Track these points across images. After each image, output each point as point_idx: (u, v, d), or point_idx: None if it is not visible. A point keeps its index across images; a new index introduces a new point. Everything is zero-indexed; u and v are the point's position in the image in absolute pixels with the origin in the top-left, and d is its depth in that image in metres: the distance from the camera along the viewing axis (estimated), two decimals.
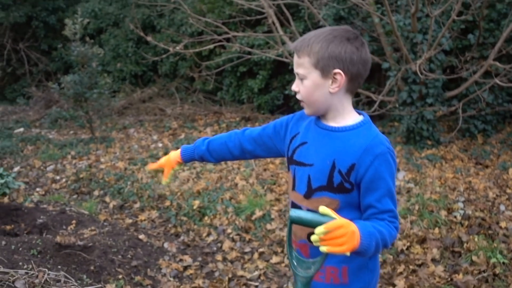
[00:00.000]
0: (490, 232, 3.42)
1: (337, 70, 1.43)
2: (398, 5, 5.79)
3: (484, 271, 3.04)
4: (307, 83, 1.47)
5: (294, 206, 1.58)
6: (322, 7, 6.43)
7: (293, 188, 1.59)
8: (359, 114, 1.54)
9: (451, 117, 5.83)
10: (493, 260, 3.07)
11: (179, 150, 1.89)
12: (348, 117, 1.51)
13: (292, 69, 1.55)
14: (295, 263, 1.40)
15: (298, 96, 1.53)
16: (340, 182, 1.46)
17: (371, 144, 1.44)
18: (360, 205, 1.49)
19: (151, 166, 1.94)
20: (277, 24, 5.87)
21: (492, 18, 5.46)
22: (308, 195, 1.53)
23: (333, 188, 1.48)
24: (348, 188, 1.47)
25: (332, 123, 1.51)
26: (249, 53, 6.64)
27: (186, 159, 1.87)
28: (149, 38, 6.39)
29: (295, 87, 1.52)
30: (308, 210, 1.48)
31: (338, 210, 1.44)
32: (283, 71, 7.49)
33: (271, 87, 7.79)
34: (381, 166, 1.43)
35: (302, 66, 1.47)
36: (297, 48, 1.48)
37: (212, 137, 1.86)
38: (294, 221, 1.37)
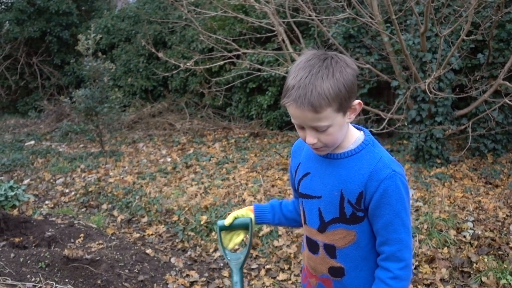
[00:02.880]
0: (500, 252, 3.38)
1: (357, 101, 1.33)
2: (407, 24, 5.82)
3: None
4: (333, 129, 1.32)
5: (309, 240, 1.52)
6: (332, 26, 6.49)
7: (305, 222, 1.52)
8: (358, 129, 1.46)
9: (461, 136, 5.80)
10: (503, 281, 3.03)
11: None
12: (350, 135, 1.42)
13: None
14: (229, 258, 1.64)
15: (318, 145, 1.36)
16: (352, 213, 1.39)
17: (375, 168, 1.35)
18: None
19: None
20: (287, 42, 5.92)
21: (502, 38, 5.47)
22: (322, 228, 1.45)
23: (346, 219, 1.40)
24: (361, 217, 1.39)
25: (336, 149, 1.42)
26: (259, 69, 6.69)
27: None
28: (160, 54, 6.48)
29: (312, 139, 1.33)
30: (325, 244, 1.45)
31: (356, 241, 1.41)
32: None
33: (280, 103, 7.81)
34: (386, 191, 1.33)
35: (326, 119, 1.28)
36: (315, 105, 1.25)
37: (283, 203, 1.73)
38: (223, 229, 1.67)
